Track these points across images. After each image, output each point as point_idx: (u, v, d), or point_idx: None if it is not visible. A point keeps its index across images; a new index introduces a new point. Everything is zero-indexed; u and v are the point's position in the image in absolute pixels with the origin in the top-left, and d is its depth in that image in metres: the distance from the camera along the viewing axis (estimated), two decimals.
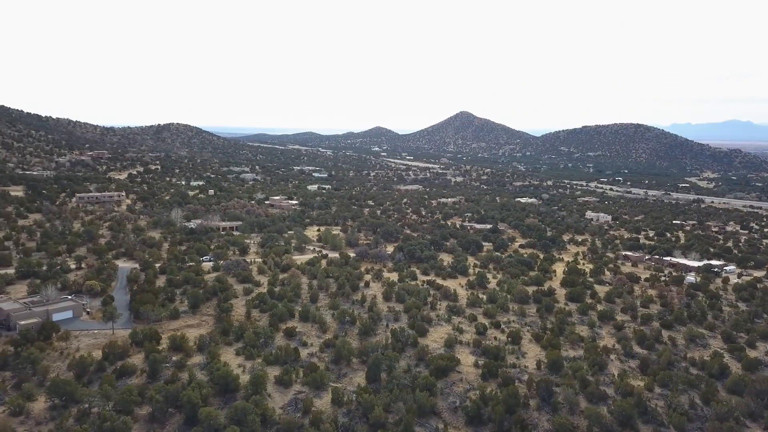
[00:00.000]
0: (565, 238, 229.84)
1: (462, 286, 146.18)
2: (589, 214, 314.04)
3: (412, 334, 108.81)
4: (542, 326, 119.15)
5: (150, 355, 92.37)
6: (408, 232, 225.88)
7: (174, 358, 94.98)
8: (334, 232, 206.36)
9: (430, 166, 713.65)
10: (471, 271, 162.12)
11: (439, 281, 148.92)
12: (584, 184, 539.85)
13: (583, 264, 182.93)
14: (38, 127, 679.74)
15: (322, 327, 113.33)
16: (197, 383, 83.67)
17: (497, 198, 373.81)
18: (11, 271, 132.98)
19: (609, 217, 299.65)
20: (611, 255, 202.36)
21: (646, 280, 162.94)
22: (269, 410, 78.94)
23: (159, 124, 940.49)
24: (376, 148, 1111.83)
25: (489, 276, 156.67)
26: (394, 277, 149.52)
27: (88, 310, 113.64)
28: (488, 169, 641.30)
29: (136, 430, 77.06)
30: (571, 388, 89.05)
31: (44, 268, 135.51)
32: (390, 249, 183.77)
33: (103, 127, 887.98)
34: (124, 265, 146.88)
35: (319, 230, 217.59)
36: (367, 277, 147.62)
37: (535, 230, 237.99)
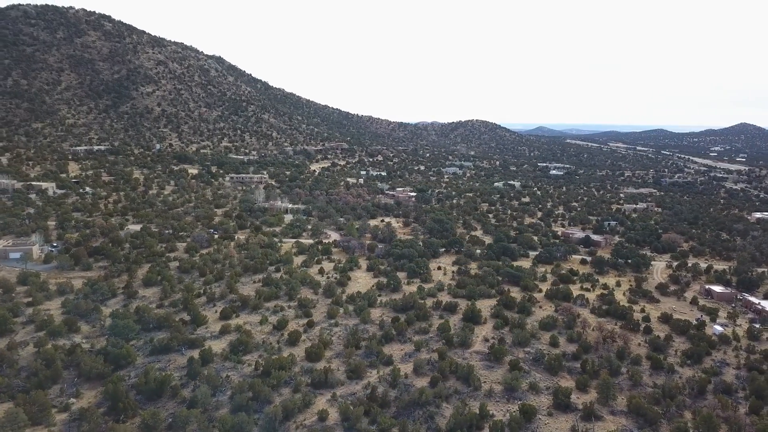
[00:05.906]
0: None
1: (372, 287, 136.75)
2: None
3: (209, 315, 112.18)
4: (351, 334, 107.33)
5: None
6: (475, 233, 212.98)
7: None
8: (375, 224, 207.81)
9: (726, 166, 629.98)
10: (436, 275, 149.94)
11: (363, 278, 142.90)
12: None
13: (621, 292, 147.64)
14: (337, 121, 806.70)
15: (165, 294, 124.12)
16: None
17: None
18: (53, 223, 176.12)
19: None
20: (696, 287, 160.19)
21: (660, 318, 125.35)
22: None
23: (459, 121, 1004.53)
24: (717, 147, 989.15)
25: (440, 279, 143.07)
26: (320, 268, 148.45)
27: (41, 253, 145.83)
28: None
29: None
30: (209, 388, 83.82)
31: (72, 223, 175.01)
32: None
33: (397, 123, 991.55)
34: (135, 227, 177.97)
35: (382, 220, 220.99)
36: (297, 260, 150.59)
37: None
